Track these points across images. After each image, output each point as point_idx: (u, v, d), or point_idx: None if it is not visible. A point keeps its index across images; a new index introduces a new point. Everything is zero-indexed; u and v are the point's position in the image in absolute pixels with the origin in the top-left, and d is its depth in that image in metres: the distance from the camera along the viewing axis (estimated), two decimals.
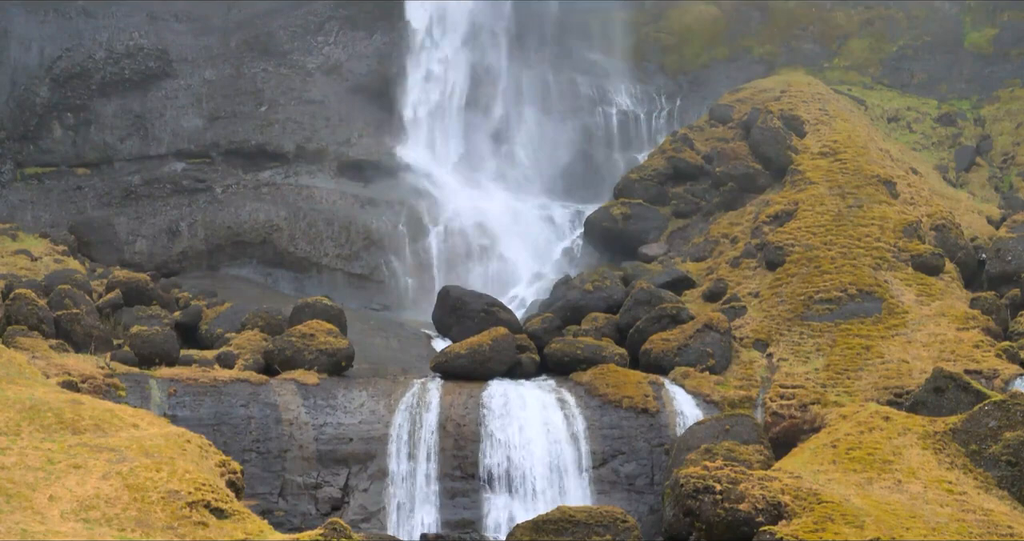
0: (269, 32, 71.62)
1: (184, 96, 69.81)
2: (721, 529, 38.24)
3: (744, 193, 63.97)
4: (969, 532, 37.94)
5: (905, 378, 49.08)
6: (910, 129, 72.94)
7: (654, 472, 47.30)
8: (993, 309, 53.45)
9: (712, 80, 77.10)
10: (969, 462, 41.48)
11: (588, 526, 39.34)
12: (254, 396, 47.10)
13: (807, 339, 52.26)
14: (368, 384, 48.86)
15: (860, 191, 59.73)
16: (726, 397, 49.41)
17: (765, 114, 66.39)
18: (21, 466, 33.07)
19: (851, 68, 77.59)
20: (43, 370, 43.86)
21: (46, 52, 68.78)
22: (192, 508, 32.45)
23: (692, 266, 59.93)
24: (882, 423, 43.41)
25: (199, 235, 66.81)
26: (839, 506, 38.24)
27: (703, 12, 79.78)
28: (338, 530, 32.65)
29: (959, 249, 58.03)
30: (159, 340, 48.54)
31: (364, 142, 70.64)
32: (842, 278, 54.43)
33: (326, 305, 52.33)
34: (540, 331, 53.17)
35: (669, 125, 74.88)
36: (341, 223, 67.58)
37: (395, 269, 67.44)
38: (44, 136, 68.12)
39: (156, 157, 68.87)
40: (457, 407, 47.78)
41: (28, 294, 48.66)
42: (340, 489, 46.43)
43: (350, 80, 71.87)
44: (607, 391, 48.81)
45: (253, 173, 69.07)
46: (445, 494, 46.56)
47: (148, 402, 45.45)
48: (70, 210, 66.62)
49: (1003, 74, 75.52)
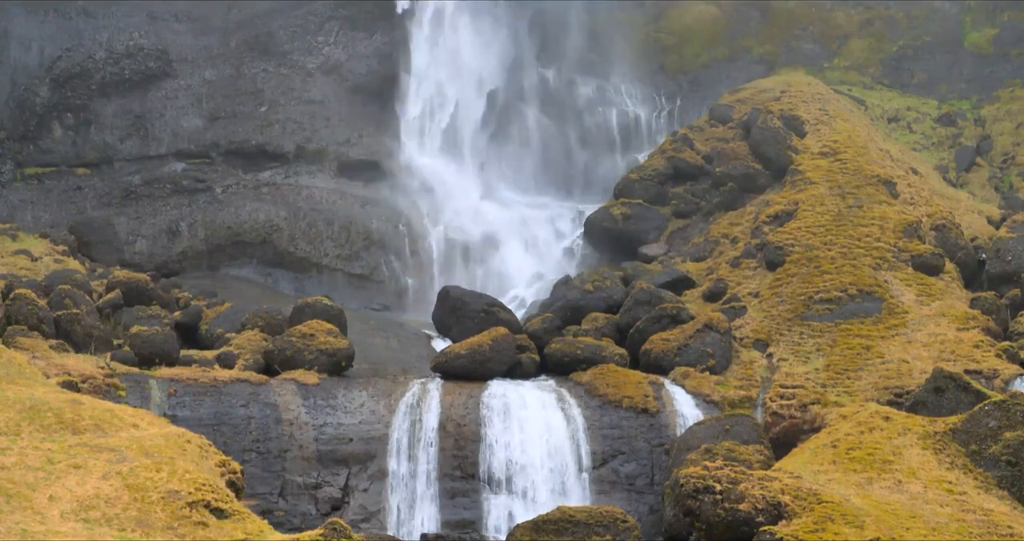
0: (269, 32, 71.57)
1: (184, 96, 69.75)
2: (721, 529, 38.23)
3: (744, 193, 63.94)
4: (969, 532, 37.93)
5: (905, 378, 49.07)
6: (910, 129, 72.92)
7: (654, 472, 47.28)
8: (993, 309, 53.44)
9: (712, 80, 77.06)
10: (969, 462, 41.47)
11: (588, 526, 39.34)
12: (254, 396, 47.08)
13: (807, 339, 52.25)
14: (368, 384, 48.84)
15: (860, 191, 59.71)
16: (726, 397, 49.40)
17: (765, 114, 66.36)
18: (21, 466, 33.06)
19: (851, 68, 77.56)
20: (43, 370, 43.84)
21: (46, 52, 68.72)
22: (192, 508, 32.43)
23: (692, 266, 59.90)
24: (882, 423, 43.40)
25: (199, 235, 66.78)
26: (839, 506, 38.23)
27: (703, 12, 79.74)
28: (338, 530, 32.65)
29: (959, 249, 58.01)
30: (159, 340, 48.52)
31: (364, 142, 70.59)
32: (842, 278, 54.41)
33: (326, 305, 52.31)
34: (540, 331, 53.16)
35: (669, 125, 74.83)
36: (341, 223, 67.55)
37: (395, 269, 67.40)
38: (44, 136, 68.07)
39: (156, 157, 68.81)
40: (457, 407, 47.76)
41: (28, 294, 48.63)
42: (340, 489, 46.41)
43: (350, 80, 71.81)
44: (607, 391, 48.79)
45: (253, 173, 69.03)
46: (445, 494, 46.53)
47: (148, 402, 45.42)
48: (70, 210, 66.57)
49: (1003, 74, 75.49)
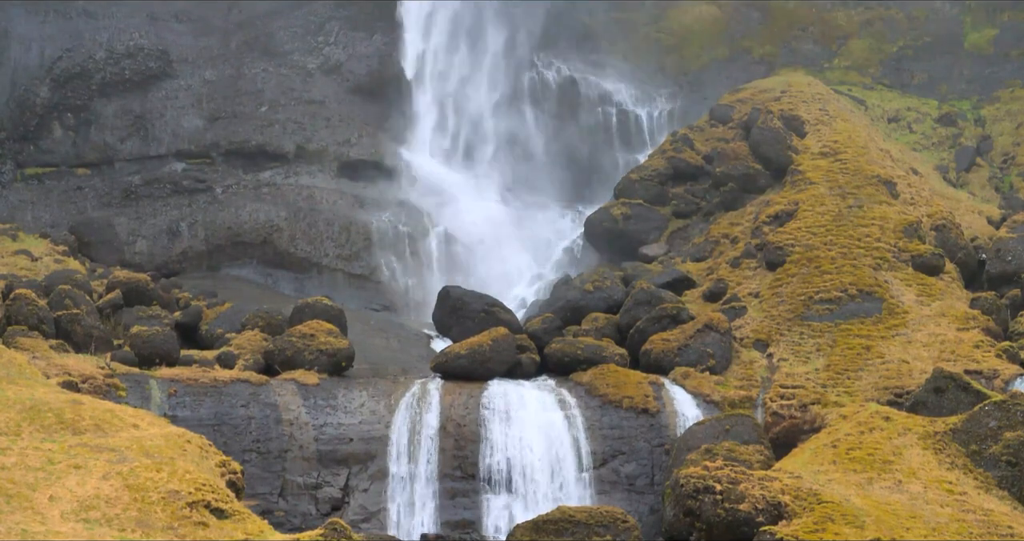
0: (269, 32, 71.60)
1: (184, 96, 69.78)
2: (721, 529, 38.24)
3: (744, 193, 63.93)
4: (969, 532, 37.93)
5: (905, 378, 49.07)
6: (910, 129, 72.94)
7: (654, 472, 47.28)
8: (993, 309, 53.44)
9: (712, 80, 77.08)
10: (969, 462, 41.48)
11: (588, 526, 39.35)
12: (254, 396, 47.08)
13: (807, 339, 52.25)
14: (368, 384, 48.84)
15: (860, 191, 59.71)
16: (726, 397, 49.39)
17: (765, 114, 66.35)
18: (21, 466, 33.06)
19: (851, 68, 77.57)
20: (43, 370, 43.84)
21: (46, 52, 68.76)
22: (192, 508, 32.43)
23: (692, 266, 59.90)
24: (882, 423, 43.41)
25: (199, 235, 66.79)
26: (839, 506, 38.24)
27: (703, 12, 79.77)
28: (338, 530, 32.66)
29: (959, 249, 58.01)
30: (159, 340, 48.51)
31: (364, 142, 70.61)
32: (842, 278, 54.41)
33: (326, 305, 52.30)
34: (540, 331, 53.14)
35: (669, 125, 74.83)
36: (341, 223, 67.55)
37: (395, 269, 67.40)
38: (44, 136, 68.09)
39: (156, 157, 68.84)
40: (457, 407, 47.76)
41: (28, 294, 48.63)
42: (340, 489, 46.42)
43: (350, 80, 71.83)
44: (607, 391, 48.78)
45: (253, 173, 69.04)
46: (445, 494, 46.53)
47: (148, 402, 45.42)
48: (70, 210, 66.60)
49: (1003, 74, 75.53)
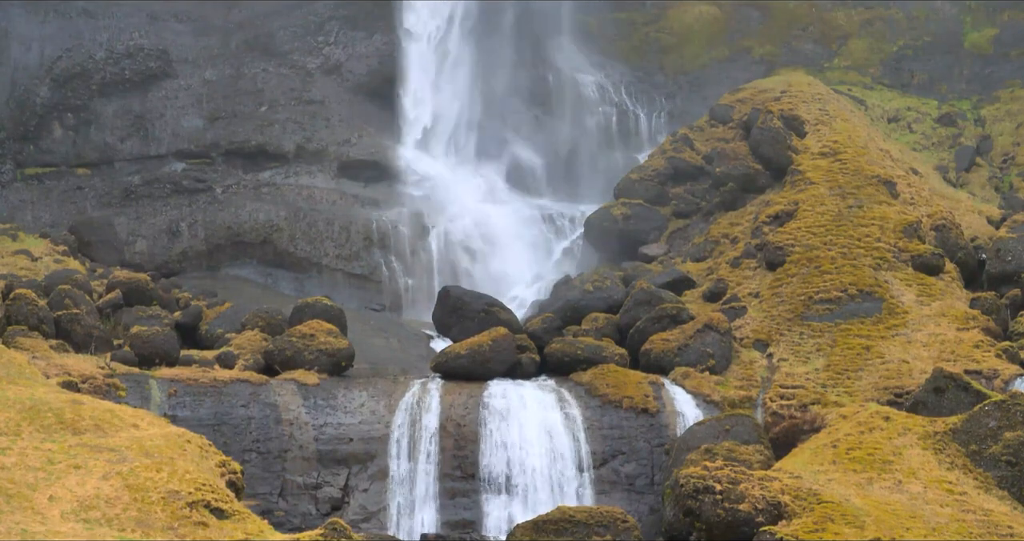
0: (269, 32, 71.62)
1: (184, 96, 69.79)
2: (721, 529, 38.25)
3: (744, 193, 63.90)
4: (969, 532, 37.94)
5: (905, 378, 49.06)
6: (910, 129, 72.92)
7: (654, 472, 47.28)
8: (993, 309, 53.43)
9: (712, 80, 77.03)
10: (969, 462, 41.48)
11: (588, 526, 39.37)
12: (254, 396, 47.08)
13: (807, 339, 52.24)
14: (368, 384, 48.84)
15: (860, 191, 59.69)
16: (726, 397, 49.38)
17: (765, 114, 66.32)
18: (21, 466, 33.06)
19: (851, 68, 77.55)
20: (43, 370, 43.84)
21: (46, 52, 68.76)
22: (192, 508, 32.44)
23: (692, 266, 59.88)
24: (882, 423, 43.42)
25: (199, 235, 66.79)
26: (839, 506, 38.25)
27: (703, 12, 79.75)
28: (338, 530, 32.67)
29: (959, 249, 57.99)
30: (159, 340, 48.52)
31: (364, 142, 70.59)
32: (842, 278, 54.39)
33: (326, 305, 52.30)
34: (540, 331, 53.11)
35: (669, 125, 74.81)
36: (341, 223, 67.54)
37: (395, 269, 67.38)
38: (44, 136, 68.09)
39: (156, 157, 68.85)
40: (457, 407, 47.75)
41: (28, 294, 48.63)
42: (340, 489, 46.42)
43: (350, 80, 71.85)
44: (607, 391, 48.77)
45: (253, 173, 69.05)
46: (445, 494, 46.53)
47: (148, 402, 45.42)
48: (70, 210, 66.60)
49: (1003, 74, 75.49)
